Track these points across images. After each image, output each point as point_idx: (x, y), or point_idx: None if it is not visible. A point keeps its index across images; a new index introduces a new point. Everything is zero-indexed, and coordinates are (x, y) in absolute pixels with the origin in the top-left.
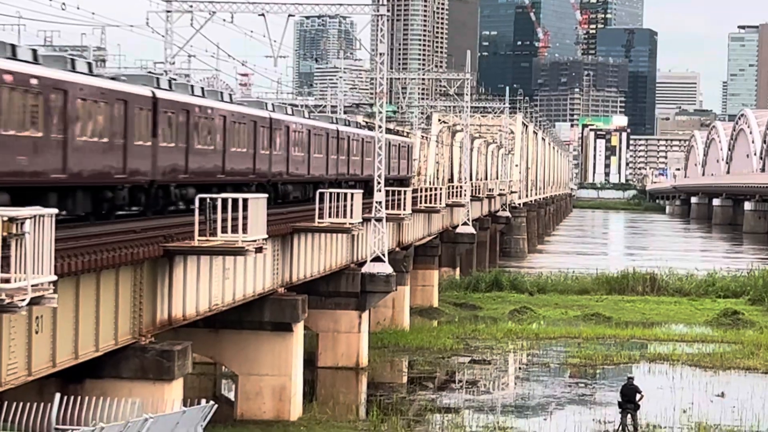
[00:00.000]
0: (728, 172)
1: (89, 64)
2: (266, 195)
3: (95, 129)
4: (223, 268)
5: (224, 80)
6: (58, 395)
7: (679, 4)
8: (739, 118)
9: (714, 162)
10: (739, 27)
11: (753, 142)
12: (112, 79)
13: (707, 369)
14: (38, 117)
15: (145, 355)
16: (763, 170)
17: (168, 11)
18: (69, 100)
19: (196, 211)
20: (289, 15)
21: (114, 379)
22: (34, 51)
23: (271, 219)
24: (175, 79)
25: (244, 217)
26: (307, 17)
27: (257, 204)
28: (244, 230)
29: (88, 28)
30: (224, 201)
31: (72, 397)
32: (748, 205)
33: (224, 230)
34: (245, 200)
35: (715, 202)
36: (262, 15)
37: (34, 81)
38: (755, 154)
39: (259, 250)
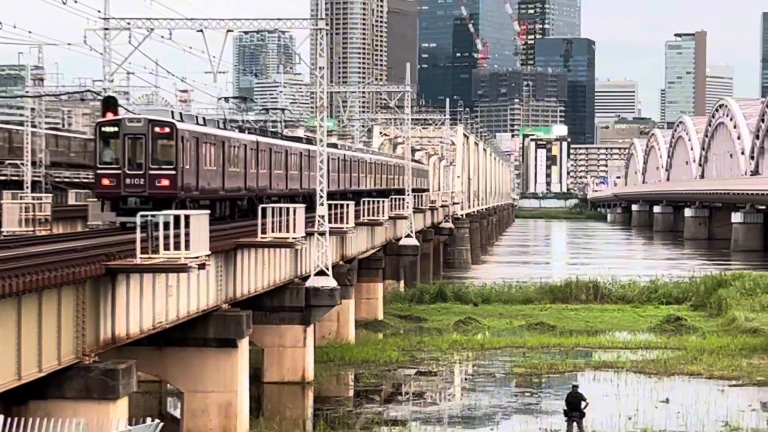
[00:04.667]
0: (668, 180)
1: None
2: (208, 211)
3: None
4: (167, 285)
5: (164, 97)
6: (1, 417)
7: (616, 13)
8: (678, 126)
9: (654, 169)
10: (676, 35)
11: (692, 149)
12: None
13: (651, 375)
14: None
15: (89, 375)
16: (702, 177)
17: (106, 29)
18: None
19: (138, 229)
20: (228, 30)
21: (58, 400)
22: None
23: (214, 235)
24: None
25: (187, 234)
26: (246, 32)
27: (199, 221)
28: (187, 247)
29: (26, 47)
30: (166, 218)
31: (16, 419)
32: (688, 212)
33: (167, 247)
34: (187, 217)
35: (656, 209)
36: (201, 31)
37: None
38: (694, 161)
39: (201, 266)
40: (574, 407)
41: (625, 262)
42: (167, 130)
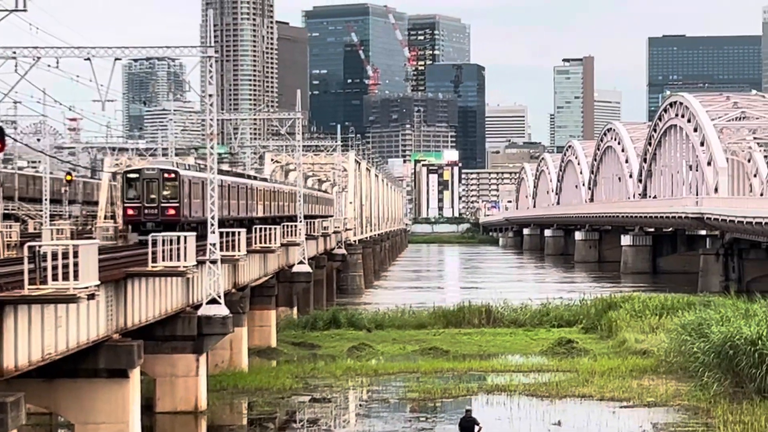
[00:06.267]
0: (558, 203)
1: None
2: (98, 241)
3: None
4: (56, 316)
5: (52, 125)
6: None
7: (505, 38)
8: (567, 150)
9: (544, 193)
10: (564, 60)
11: (581, 172)
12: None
13: (544, 398)
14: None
15: None
16: (592, 200)
17: None
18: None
19: (25, 260)
20: (116, 58)
21: None
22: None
23: (104, 264)
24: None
25: (75, 264)
26: (135, 60)
27: (88, 251)
28: (76, 277)
29: None
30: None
31: None
32: (578, 235)
33: (55, 278)
34: (76, 247)
35: (547, 232)
36: (88, 59)
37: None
38: (584, 185)
39: (91, 296)
40: (468, 431)
41: (518, 285)
42: (173, 175)
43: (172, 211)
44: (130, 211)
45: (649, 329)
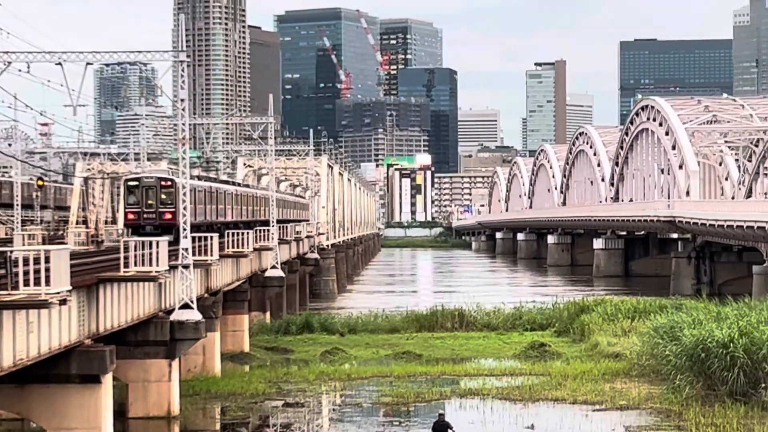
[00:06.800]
0: (531, 207)
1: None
2: (69, 247)
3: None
4: (27, 321)
5: (23, 130)
6: None
7: (477, 42)
8: (539, 154)
9: (517, 197)
10: (536, 64)
11: (553, 176)
12: (222, 182)
13: (517, 402)
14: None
15: None
16: (564, 204)
17: None
18: (213, 194)
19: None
20: (87, 63)
21: None
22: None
23: (76, 270)
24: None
25: (47, 269)
26: (107, 65)
27: (59, 256)
28: (47, 282)
29: None
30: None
31: None
32: (551, 239)
33: (27, 283)
34: (47, 253)
35: (520, 236)
36: (60, 64)
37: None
38: (556, 188)
39: (63, 302)
40: None
41: (491, 289)
42: (169, 183)
43: (168, 216)
44: (130, 216)
45: (622, 332)
